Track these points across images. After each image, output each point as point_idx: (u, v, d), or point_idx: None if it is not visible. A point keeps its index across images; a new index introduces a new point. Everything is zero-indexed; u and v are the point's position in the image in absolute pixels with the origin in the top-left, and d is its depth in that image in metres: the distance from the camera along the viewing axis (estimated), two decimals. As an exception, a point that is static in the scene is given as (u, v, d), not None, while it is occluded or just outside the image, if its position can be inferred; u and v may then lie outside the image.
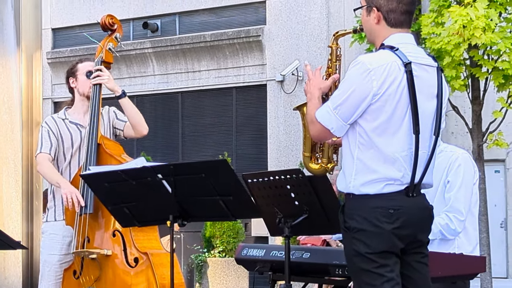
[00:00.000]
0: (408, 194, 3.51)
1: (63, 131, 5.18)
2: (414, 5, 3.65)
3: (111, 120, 5.28)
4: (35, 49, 7.65)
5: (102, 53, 5.30)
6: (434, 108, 3.59)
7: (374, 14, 3.58)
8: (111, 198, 3.56)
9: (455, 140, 13.36)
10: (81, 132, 5.16)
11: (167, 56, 16.12)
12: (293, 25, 14.82)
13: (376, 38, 3.64)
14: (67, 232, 5.07)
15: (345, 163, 3.59)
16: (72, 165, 5.11)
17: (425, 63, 3.62)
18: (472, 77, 11.05)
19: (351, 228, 3.52)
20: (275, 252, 4.63)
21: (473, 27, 9.86)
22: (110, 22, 5.37)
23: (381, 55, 3.52)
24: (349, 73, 3.51)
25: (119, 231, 4.61)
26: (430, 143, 3.58)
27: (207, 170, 3.30)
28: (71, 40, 17.04)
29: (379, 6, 3.58)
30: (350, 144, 3.56)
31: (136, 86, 16.20)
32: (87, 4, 16.85)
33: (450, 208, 4.45)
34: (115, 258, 4.66)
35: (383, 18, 3.58)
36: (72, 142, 5.14)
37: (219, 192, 3.35)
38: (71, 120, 5.20)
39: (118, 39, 5.35)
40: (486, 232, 11.03)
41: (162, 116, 16.55)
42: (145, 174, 3.35)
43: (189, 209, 3.43)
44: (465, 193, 4.48)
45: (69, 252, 5.06)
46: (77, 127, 5.17)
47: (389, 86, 3.46)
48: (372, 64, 3.46)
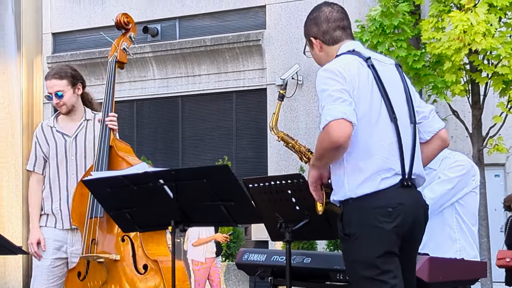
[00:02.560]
0: (404, 184, 3.57)
1: (49, 140, 5.17)
2: (344, 20, 3.85)
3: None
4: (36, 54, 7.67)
5: (116, 52, 5.23)
6: (404, 98, 3.72)
7: (314, 43, 3.84)
8: (112, 204, 3.56)
9: (455, 144, 13.35)
10: (66, 142, 5.14)
11: (167, 61, 16.13)
12: (293, 29, 14.83)
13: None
14: (58, 237, 5.07)
15: (336, 175, 3.61)
16: (60, 174, 5.09)
17: (381, 60, 3.80)
18: (472, 82, 11.07)
19: (351, 234, 3.53)
20: (276, 257, 4.63)
21: (473, 32, 9.88)
22: (125, 21, 5.29)
23: (339, 59, 3.69)
24: (318, 84, 3.61)
25: (129, 236, 4.60)
26: (410, 130, 3.68)
27: (209, 175, 3.30)
28: (72, 44, 17.05)
29: (314, 34, 3.85)
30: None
31: (136, 91, 16.21)
32: (87, 9, 16.86)
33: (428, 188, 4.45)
34: (123, 263, 4.65)
35: (323, 42, 3.83)
36: (56, 151, 5.13)
37: (221, 197, 3.35)
38: (58, 129, 5.19)
39: (132, 39, 5.29)
40: (487, 236, 11.04)
41: (162, 120, 16.55)
42: (147, 179, 3.36)
43: (191, 214, 3.44)
44: (444, 187, 4.46)
45: (60, 256, 5.06)
46: (63, 136, 5.16)
47: (358, 80, 3.58)
48: (333, 66, 3.62)
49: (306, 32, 3.88)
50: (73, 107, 5.16)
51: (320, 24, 3.83)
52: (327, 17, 3.82)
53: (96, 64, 16.50)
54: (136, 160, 4.78)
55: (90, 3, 16.84)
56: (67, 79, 5.13)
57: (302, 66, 14.41)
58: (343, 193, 3.56)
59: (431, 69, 11.17)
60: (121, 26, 5.30)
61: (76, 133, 5.15)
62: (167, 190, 3.36)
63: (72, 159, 5.09)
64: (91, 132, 5.15)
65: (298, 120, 14.57)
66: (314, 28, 3.84)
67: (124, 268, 4.64)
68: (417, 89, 11.14)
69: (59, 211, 5.09)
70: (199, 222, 3.51)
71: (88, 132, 5.15)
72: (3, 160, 7.07)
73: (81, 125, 5.17)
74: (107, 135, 4.94)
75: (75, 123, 5.17)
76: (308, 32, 3.86)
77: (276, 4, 15.15)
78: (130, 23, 5.31)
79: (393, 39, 10.97)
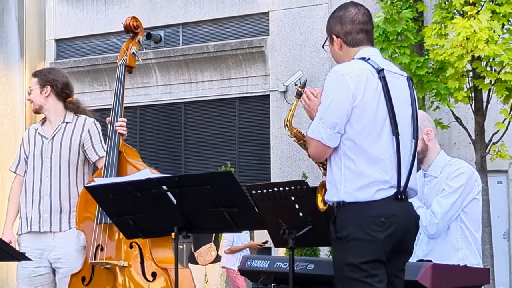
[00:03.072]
0: (397, 197, 3.61)
1: (31, 142, 5.18)
2: (368, 24, 3.88)
3: (83, 139, 5.13)
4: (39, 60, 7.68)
5: (125, 56, 5.20)
6: (410, 113, 3.76)
7: (335, 41, 3.83)
8: (115, 210, 3.55)
9: (458, 151, 13.34)
10: (43, 144, 5.12)
11: (170, 67, 16.15)
12: (296, 36, 14.85)
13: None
14: (37, 244, 5.03)
15: (333, 176, 3.66)
16: (35, 176, 5.06)
17: (395, 71, 3.81)
18: (475, 88, 11.07)
19: (344, 237, 3.56)
20: (279, 264, 4.62)
21: (476, 39, 9.88)
22: (134, 25, 5.27)
23: (352, 63, 3.72)
24: (325, 84, 3.68)
25: (137, 243, 4.57)
26: (410, 146, 3.73)
27: (212, 181, 3.30)
28: (75, 51, 17.08)
29: (336, 33, 3.84)
30: (335, 156, 3.66)
31: (139, 97, 16.22)
32: (90, 16, 16.89)
33: (432, 208, 4.45)
34: (131, 270, 4.62)
35: (344, 42, 3.83)
36: (34, 153, 5.11)
37: (224, 204, 3.34)
38: (39, 131, 5.19)
39: (141, 43, 5.27)
40: (490, 243, 11.02)
41: (165, 126, 16.56)
42: (150, 185, 3.35)
43: (194, 221, 3.43)
44: (451, 201, 4.46)
45: (43, 264, 5.01)
46: (41, 138, 5.14)
47: (365, 90, 3.61)
48: (344, 70, 3.66)
49: (329, 28, 3.87)
50: (41, 107, 5.16)
51: (344, 23, 3.83)
52: (352, 18, 3.83)
53: (99, 71, 16.52)
54: (144, 166, 4.75)
55: (93, 9, 16.88)
56: (37, 78, 5.20)
57: (305, 73, 14.43)
58: (337, 194, 3.60)
59: (434, 76, 11.17)
60: (130, 29, 5.28)
61: (53, 135, 5.12)
62: (170, 197, 3.36)
63: (47, 161, 5.06)
64: (69, 135, 5.10)
65: (301, 126, 14.40)
66: (337, 27, 3.83)
67: (132, 275, 4.61)
68: (420, 95, 11.16)
69: (30, 213, 5.06)
70: (202, 229, 3.50)
71: (65, 134, 5.10)
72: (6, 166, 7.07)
73: (58, 127, 5.13)
74: (117, 140, 4.90)
75: (53, 125, 5.16)
76: (331, 29, 3.85)
77: (279, 11, 15.16)
78: (139, 26, 5.29)
79: (396, 45, 10.98)
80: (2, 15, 7.41)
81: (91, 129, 5.16)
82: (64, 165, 5.05)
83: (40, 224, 5.02)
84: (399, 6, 11.23)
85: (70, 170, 5.06)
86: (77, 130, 5.12)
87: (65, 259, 4.97)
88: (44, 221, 5.02)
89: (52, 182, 5.02)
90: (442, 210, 4.44)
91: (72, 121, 5.16)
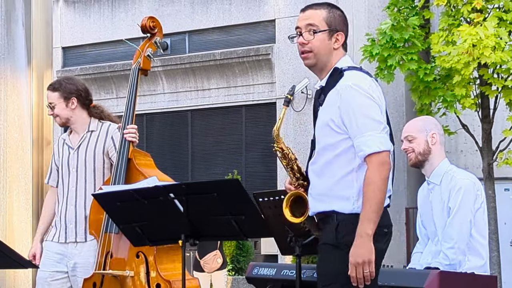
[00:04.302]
0: (389, 205, 3.62)
1: (60, 153, 5.15)
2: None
3: (107, 146, 5.11)
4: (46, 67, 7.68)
5: (140, 58, 5.03)
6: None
7: (338, 38, 3.70)
8: (123, 217, 3.55)
9: (465, 158, 13.32)
10: (69, 154, 5.10)
11: (177, 75, 16.17)
12: (303, 43, 14.85)
13: (328, 62, 3.71)
14: (59, 250, 5.04)
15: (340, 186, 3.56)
16: (64, 187, 5.05)
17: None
18: (482, 95, 11.05)
19: (348, 244, 3.49)
20: (286, 271, 4.62)
21: (482, 46, 9.88)
22: (151, 25, 5.04)
23: (362, 76, 3.65)
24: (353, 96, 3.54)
25: (143, 252, 4.53)
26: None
27: (220, 189, 3.29)
28: (81, 58, 17.12)
29: (341, 29, 3.73)
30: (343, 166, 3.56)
31: (146, 105, 16.25)
32: (97, 23, 16.93)
33: (444, 236, 4.45)
34: (137, 280, 4.60)
35: (343, 43, 3.73)
36: (62, 164, 5.09)
37: (231, 211, 3.34)
38: (67, 141, 5.15)
39: (158, 44, 5.04)
40: (497, 250, 10.98)
41: (171, 134, 16.57)
42: (157, 193, 3.35)
43: (201, 228, 3.42)
44: (460, 218, 4.45)
45: (61, 269, 5.01)
46: (68, 149, 5.11)
47: (380, 97, 3.61)
48: (365, 84, 3.58)
49: (335, 22, 3.69)
50: (68, 120, 5.08)
51: (347, 24, 3.77)
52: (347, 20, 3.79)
53: (106, 78, 16.56)
54: (154, 172, 4.66)
55: (100, 17, 16.92)
56: (59, 92, 5.05)
57: (311, 80, 14.43)
58: (349, 207, 3.52)
59: (441, 83, 11.16)
60: (146, 30, 5.06)
61: (78, 145, 5.10)
62: (178, 204, 3.35)
63: (73, 172, 5.04)
64: (93, 143, 5.07)
65: (308, 134, 14.55)
66: (344, 27, 3.74)
67: (137, 285, 4.60)
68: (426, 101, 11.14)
69: (59, 224, 5.07)
70: (209, 236, 3.50)
71: (90, 143, 5.06)
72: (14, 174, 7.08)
73: (83, 137, 5.09)
74: (126, 147, 4.83)
75: (79, 135, 5.14)
76: (337, 24, 3.69)
77: (286, 18, 15.17)
78: (156, 27, 5.06)
79: (403, 52, 10.98)
80: (9, 23, 7.43)
81: (114, 135, 5.09)
82: (90, 174, 5.02)
83: (66, 235, 5.02)
84: (406, 13, 11.23)
85: (95, 179, 5.02)
86: (101, 138, 5.09)
87: (81, 269, 4.96)
88: (69, 232, 5.00)
89: (77, 192, 5.01)
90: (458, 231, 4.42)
91: (97, 129, 5.11)
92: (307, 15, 3.70)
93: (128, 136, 4.83)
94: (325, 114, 3.63)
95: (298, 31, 3.71)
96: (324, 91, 3.67)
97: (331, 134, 3.59)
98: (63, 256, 5.02)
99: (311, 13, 3.69)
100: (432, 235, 4.66)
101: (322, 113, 3.65)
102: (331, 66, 3.70)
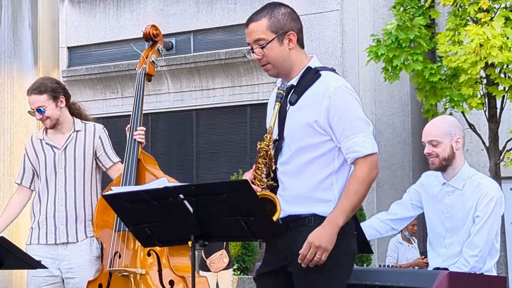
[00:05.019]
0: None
1: (39, 153, 5.09)
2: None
3: (96, 145, 5.10)
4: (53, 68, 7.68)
5: (145, 64, 5.18)
6: None
7: (291, 38, 3.58)
8: (132, 218, 3.55)
9: (470, 157, 13.30)
10: (55, 154, 5.05)
11: (182, 74, 16.17)
12: (307, 42, 14.73)
13: (291, 65, 3.62)
14: (48, 254, 5.00)
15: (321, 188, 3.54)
16: (49, 187, 5.01)
17: None
18: (489, 95, 11.04)
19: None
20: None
21: (489, 45, 9.87)
22: (154, 33, 5.23)
23: (343, 78, 3.65)
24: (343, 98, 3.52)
25: (155, 251, 4.58)
26: None
27: (229, 190, 3.29)
28: (87, 58, 17.13)
29: (291, 28, 3.59)
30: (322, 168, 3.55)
31: (151, 104, 16.24)
32: (102, 23, 16.94)
33: (468, 243, 4.42)
34: (149, 278, 4.63)
35: (298, 40, 3.61)
36: (45, 164, 5.05)
37: (241, 213, 3.33)
38: (47, 141, 5.10)
39: (160, 51, 5.24)
40: (504, 250, 10.98)
41: (176, 133, 16.57)
42: (167, 194, 3.35)
43: (211, 229, 3.42)
44: (490, 228, 4.43)
45: (53, 273, 4.98)
46: (52, 149, 5.08)
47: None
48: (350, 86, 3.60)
49: (280, 25, 3.55)
50: (58, 120, 5.05)
51: (296, 20, 3.62)
52: (298, 16, 3.66)
53: (111, 78, 16.56)
54: (160, 174, 4.75)
55: (105, 17, 16.93)
56: (47, 94, 5.00)
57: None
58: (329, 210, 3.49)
59: (448, 83, 11.15)
60: (149, 38, 5.23)
61: (65, 145, 5.07)
62: (187, 205, 3.36)
63: (61, 172, 5.02)
64: (81, 143, 5.06)
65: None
66: (293, 23, 3.59)
67: (149, 283, 4.62)
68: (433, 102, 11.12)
69: (45, 225, 5.02)
70: (219, 237, 3.51)
71: (77, 143, 5.07)
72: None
73: (70, 136, 5.07)
74: (136, 148, 4.89)
75: (64, 135, 5.09)
76: (283, 25, 3.55)
77: (291, 18, 15.16)
78: (159, 35, 5.26)
79: (409, 52, 10.96)
80: (15, 23, 7.43)
81: (101, 135, 5.13)
82: (79, 174, 5.02)
83: (57, 236, 4.99)
84: (412, 13, 11.21)
85: (85, 179, 5.04)
86: (89, 138, 5.09)
87: (77, 269, 4.95)
88: (60, 232, 4.99)
89: (67, 192, 5.00)
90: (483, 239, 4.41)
91: (82, 128, 5.12)
92: (251, 30, 3.59)
93: (138, 137, 4.88)
94: (305, 114, 3.55)
95: (250, 47, 3.63)
96: (296, 90, 3.60)
97: (315, 135, 3.53)
98: (53, 260, 4.98)
99: (253, 27, 3.58)
100: (437, 236, 4.63)
101: (300, 113, 3.57)
102: (297, 67, 3.62)
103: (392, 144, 13.72)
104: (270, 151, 3.55)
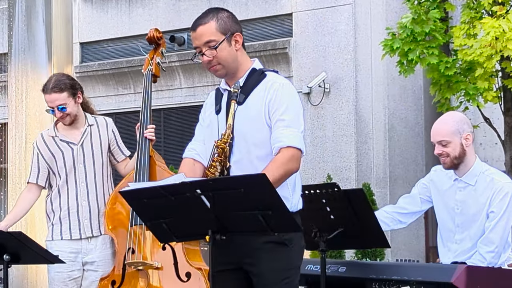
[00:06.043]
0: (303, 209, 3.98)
1: (54, 151, 5.11)
2: None
3: (110, 139, 5.19)
4: (66, 63, 7.72)
5: (151, 65, 5.30)
6: None
7: (237, 40, 3.76)
8: (149, 214, 3.57)
9: (484, 151, 13.24)
10: (73, 150, 5.10)
11: (194, 70, 16.16)
12: (320, 37, 14.80)
13: (240, 65, 3.80)
14: (71, 248, 5.04)
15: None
16: (69, 183, 5.06)
17: None
18: (505, 88, 10.98)
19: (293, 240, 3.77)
20: (310, 266, 4.62)
21: (505, 39, 9.80)
22: (157, 36, 5.39)
23: (284, 78, 3.82)
24: (289, 94, 3.68)
25: (170, 244, 4.62)
26: None
27: (247, 185, 3.29)
28: (99, 54, 17.15)
29: (237, 30, 3.79)
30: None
31: (163, 100, 16.25)
32: (114, 19, 16.96)
33: (484, 239, 4.41)
34: (165, 271, 4.67)
35: (242, 42, 3.80)
36: (64, 161, 5.08)
37: (258, 207, 3.34)
38: (61, 138, 5.14)
39: (163, 53, 5.40)
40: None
41: (189, 129, 16.51)
42: (184, 189, 3.35)
43: (228, 224, 3.43)
44: (505, 223, 4.42)
45: (76, 267, 5.02)
46: (68, 145, 5.12)
47: None
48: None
49: (227, 27, 3.73)
50: (76, 116, 5.13)
51: (239, 23, 3.81)
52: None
53: (124, 74, 16.57)
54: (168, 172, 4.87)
55: (117, 13, 16.94)
56: (67, 91, 5.07)
57: (329, 74, 14.39)
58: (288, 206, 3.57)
59: (463, 76, 11.09)
60: (153, 41, 5.39)
61: (82, 140, 5.12)
62: (204, 200, 3.36)
63: (80, 167, 5.07)
64: (97, 137, 5.15)
65: (325, 128, 14.52)
66: (236, 25, 3.77)
67: (165, 276, 4.65)
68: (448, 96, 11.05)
69: (67, 220, 5.06)
70: (236, 232, 3.51)
71: (93, 137, 5.15)
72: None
73: (85, 131, 5.14)
74: (147, 146, 5.01)
75: (79, 130, 5.14)
76: (229, 27, 3.73)
77: (303, 12, 15.13)
78: (162, 38, 5.42)
79: (425, 46, 10.89)
80: (29, 19, 7.46)
81: (114, 129, 5.27)
82: (98, 169, 5.09)
83: (81, 231, 5.04)
84: (427, 6, 11.14)
85: (103, 172, 5.11)
86: (103, 131, 5.16)
87: (101, 263, 5.00)
88: (84, 227, 5.04)
89: (88, 187, 5.05)
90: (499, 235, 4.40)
91: (94, 122, 5.18)
92: (200, 33, 3.73)
93: (149, 135, 4.99)
94: (253, 112, 3.68)
95: (198, 50, 3.75)
96: (243, 90, 3.71)
97: (263, 131, 3.68)
98: (77, 254, 5.03)
99: (202, 30, 3.72)
100: (447, 232, 4.61)
101: (248, 111, 3.69)
102: (243, 67, 3.78)
103: (405, 138, 13.67)
104: (226, 148, 3.67)
